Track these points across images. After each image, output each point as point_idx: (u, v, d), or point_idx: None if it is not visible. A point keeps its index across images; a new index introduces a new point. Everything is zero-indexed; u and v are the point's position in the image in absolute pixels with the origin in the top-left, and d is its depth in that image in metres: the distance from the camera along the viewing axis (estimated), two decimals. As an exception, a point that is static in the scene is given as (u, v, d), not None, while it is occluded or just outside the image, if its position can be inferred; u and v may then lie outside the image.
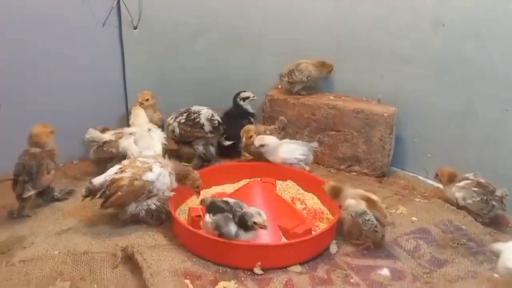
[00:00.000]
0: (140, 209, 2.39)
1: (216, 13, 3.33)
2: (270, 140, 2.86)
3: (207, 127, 2.99)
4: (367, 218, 2.24)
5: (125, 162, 2.47)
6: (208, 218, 2.21)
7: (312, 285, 2.09)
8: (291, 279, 2.11)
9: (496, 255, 2.08)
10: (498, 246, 2.05)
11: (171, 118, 3.07)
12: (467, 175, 2.63)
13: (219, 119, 3.04)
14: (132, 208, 2.38)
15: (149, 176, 2.36)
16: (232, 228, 2.16)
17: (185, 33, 3.33)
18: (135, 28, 3.14)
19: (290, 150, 2.86)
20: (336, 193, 2.35)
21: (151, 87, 3.19)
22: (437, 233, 2.43)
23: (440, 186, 2.82)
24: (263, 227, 2.15)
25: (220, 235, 2.16)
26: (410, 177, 3.04)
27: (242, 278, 2.11)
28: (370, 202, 2.28)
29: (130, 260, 2.15)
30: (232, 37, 3.39)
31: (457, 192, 2.60)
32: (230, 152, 3.15)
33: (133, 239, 2.30)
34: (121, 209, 2.39)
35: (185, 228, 2.27)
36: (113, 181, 2.34)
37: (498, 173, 2.63)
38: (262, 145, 2.83)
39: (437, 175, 2.73)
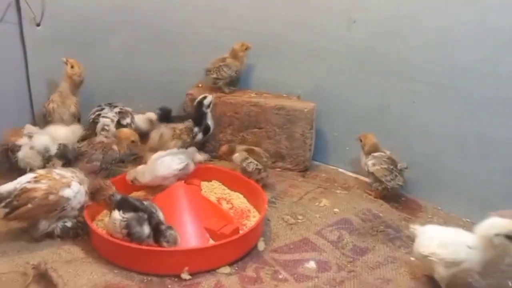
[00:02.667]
0: (55, 227, 2.23)
1: (131, 10, 3.18)
2: (139, 169, 2.58)
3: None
4: (249, 161, 2.74)
5: (41, 171, 2.28)
6: (117, 215, 2.08)
7: (242, 285, 2.08)
8: (220, 281, 2.08)
9: (412, 239, 2.22)
10: (413, 230, 2.18)
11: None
12: (385, 150, 2.80)
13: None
14: (44, 226, 2.20)
15: (66, 192, 2.19)
16: (146, 229, 2.07)
17: (97, 31, 3.16)
18: (38, 25, 2.91)
19: (166, 165, 2.57)
20: (231, 152, 2.85)
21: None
22: (358, 223, 2.54)
23: (360, 177, 2.95)
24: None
25: (129, 235, 2.06)
26: (331, 170, 3.14)
27: (169, 286, 2.04)
28: (250, 151, 2.81)
29: (43, 278, 1.99)
30: (150, 34, 3.27)
31: (369, 160, 2.77)
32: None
33: (46, 254, 2.13)
34: (28, 223, 2.20)
35: (104, 239, 2.15)
36: (24, 191, 2.15)
37: (408, 161, 2.79)
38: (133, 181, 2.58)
39: (360, 140, 2.85)
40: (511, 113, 2.41)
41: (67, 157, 2.60)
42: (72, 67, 2.91)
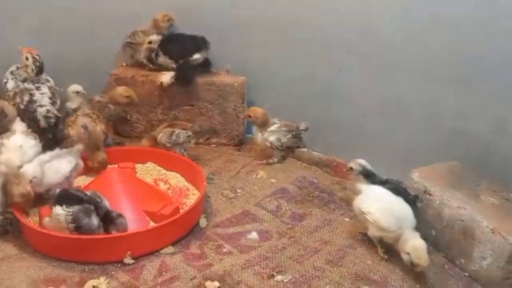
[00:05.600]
0: None
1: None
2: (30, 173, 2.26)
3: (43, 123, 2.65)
4: (177, 133, 2.77)
5: None
6: (59, 210, 1.99)
7: (187, 262, 2.09)
8: (165, 262, 2.08)
9: (347, 199, 2.37)
10: (360, 186, 2.29)
11: None
12: (272, 120, 2.88)
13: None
14: None
15: None
16: (95, 220, 2.02)
17: (3, 10, 2.91)
18: None
19: (55, 169, 2.34)
20: (154, 139, 2.80)
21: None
22: (294, 190, 2.63)
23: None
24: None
25: (78, 228, 1.99)
26: (264, 142, 3.20)
27: (113, 272, 2.01)
28: (172, 125, 2.84)
29: (-25, 280, 1.87)
30: (60, 12, 3.06)
31: (270, 136, 2.83)
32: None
33: (-25, 255, 2.01)
34: None
35: (38, 232, 2.06)
36: None
37: (332, 125, 2.94)
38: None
39: (249, 116, 2.89)
40: (426, 77, 2.58)
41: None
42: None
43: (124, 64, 3.20)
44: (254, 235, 2.30)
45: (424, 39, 2.54)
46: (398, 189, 2.26)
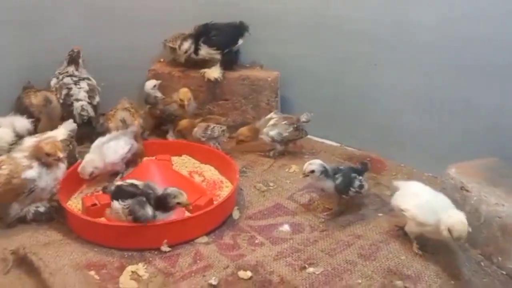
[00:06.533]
0: (27, 212, 2.21)
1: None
2: (88, 160, 2.45)
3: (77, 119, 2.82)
4: (212, 127, 2.83)
5: (2, 157, 2.23)
6: (117, 204, 2.10)
7: (220, 252, 2.14)
8: (199, 251, 2.14)
9: (381, 195, 2.35)
10: (397, 183, 2.27)
11: None
12: (269, 115, 2.88)
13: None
14: (15, 210, 2.18)
15: (28, 174, 2.17)
16: (149, 210, 2.09)
17: (45, 10, 3.05)
18: None
19: (113, 150, 2.50)
20: (192, 126, 2.86)
21: (16, 71, 2.94)
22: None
23: (326, 141, 3.05)
24: (186, 206, 2.13)
25: (136, 219, 2.08)
26: (297, 136, 3.22)
27: (150, 259, 2.08)
28: (206, 120, 2.90)
29: (23, 262, 1.99)
30: (99, 11, 3.17)
31: (270, 131, 2.82)
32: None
33: (23, 239, 2.13)
34: (0, 210, 2.17)
35: (82, 219, 2.15)
36: None
37: (366, 120, 2.91)
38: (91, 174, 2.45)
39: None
40: (464, 72, 2.53)
41: None
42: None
43: (162, 60, 3.29)
44: (286, 227, 2.33)
45: (460, 33, 2.49)
46: (342, 170, 2.33)
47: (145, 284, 1.95)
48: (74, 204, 2.42)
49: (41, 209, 2.25)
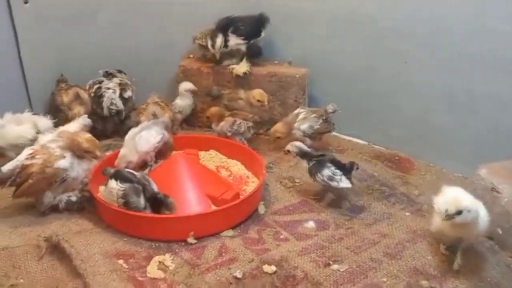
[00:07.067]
0: (60, 200, 2.29)
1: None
2: (123, 154, 2.52)
3: (106, 111, 2.94)
4: (239, 123, 2.84)
5: (36, 147, 2.31)
6: (114, 184, 2.16)
7: (245, 246, 2.17)
8: (225, 244, 2.17)
9: (407, 195, 2.34)
10: (443, 188, 2.13)
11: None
12: (296, 110, 2.87)
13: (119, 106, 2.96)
14: (49, 198, 2.27)
15: (61, 163, 2.24)
16: (142, 200, 2.15)
17: (84, 6, 3.14)
18: (26, 2, 2.88)
19: (145, 139, 2.54)
20: (221, 116, 2.89)
21: (52, 66, 3.03)
22: (354, 183, 2.61)
23: (354, 139, 3.02)
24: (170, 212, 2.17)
25: (126, 203, 2.13)
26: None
27: (177, 250, 2.13)
28: (234, 115, 2.91)
29: (56, 249, 2.06)
30: (136, 7, 3.24)
31: (302, 125, 2.80)
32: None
33: (56, 227, 2.20)
34: (35, 198, 2.26)
35: (112, 209, 2.21)
36: (23, 168, 2.20)
37: (395, 118, 2.87)
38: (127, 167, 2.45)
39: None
40: (496, 69, 2.47)
41: None
42: None
43: (191, 56, 3.33)
44: (311, 224, 2.33)
45: (494, 30, 2.43)
46: (329, 160, 2.38)
47: (171, 274, 2.00)
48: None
49: (73, 199, 2.32)
